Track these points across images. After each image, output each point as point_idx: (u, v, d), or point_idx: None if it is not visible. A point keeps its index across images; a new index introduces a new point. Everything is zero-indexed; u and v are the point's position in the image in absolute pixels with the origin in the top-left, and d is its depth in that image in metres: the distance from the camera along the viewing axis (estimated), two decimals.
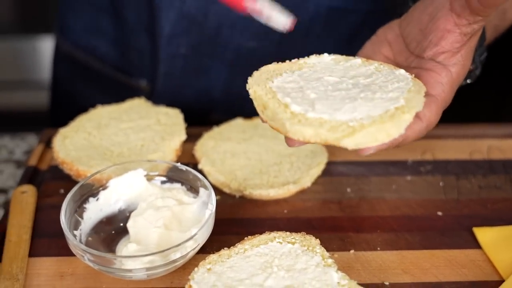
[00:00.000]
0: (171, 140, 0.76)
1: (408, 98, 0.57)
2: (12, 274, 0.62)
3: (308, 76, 0.62)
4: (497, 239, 0.67)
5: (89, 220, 0.66)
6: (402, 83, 0.59)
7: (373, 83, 0.60)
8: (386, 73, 0.62)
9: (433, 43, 0.62)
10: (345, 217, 0.72)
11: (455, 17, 0.60)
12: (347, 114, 0.55)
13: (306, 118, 0.55)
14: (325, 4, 0.87)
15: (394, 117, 0.54)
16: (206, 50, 0.93)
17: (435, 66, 0.62)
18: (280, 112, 0.56)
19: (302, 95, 0.59)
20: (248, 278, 0.57)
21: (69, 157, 0.73)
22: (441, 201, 0.74)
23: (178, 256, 0.60)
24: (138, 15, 0.94)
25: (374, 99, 0.57)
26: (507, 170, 0.80)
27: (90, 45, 1.03)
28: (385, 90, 0.59)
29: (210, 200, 0.64)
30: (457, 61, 0.62)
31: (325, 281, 0.57)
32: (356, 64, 0.64)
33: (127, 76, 1.01)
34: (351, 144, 0.54)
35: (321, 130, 0.54)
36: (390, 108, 0.56)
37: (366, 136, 0.54)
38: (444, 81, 0.61)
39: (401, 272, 0.64)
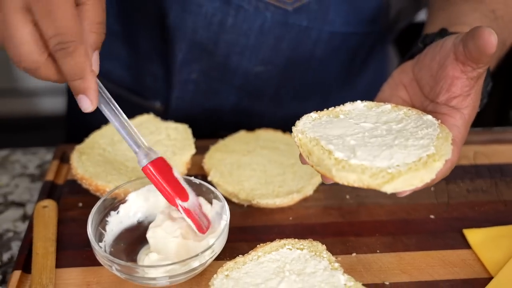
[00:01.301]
0: (182, 155, 0.81)
1: (438, 146, 0.62)
2: (42, 285, 0.67)
3: (345, 123, 0.68)
4: (485, 239, 0.74)
5: (111, 232, 0.71)
6: (430, 129, 0.65)
7: (404, 129, 0.66)
8: (415, 119, 0.67)
9: (445, 89, 0.68)
10: (345, 222, 0.78)
11: (460, 65, 0.66)
12: (385, 161, 0.61)
13: (349, 164, 0.61)
14: (327, 30, 0.92)
15: (427, 165, 0.60)
16: (216, 75, 0.99)
17: (449, 111, 0.68)
18: (325, 158, 0.62)
19: (342, 141, 0.64)
20: (263, 282, 0.63)
21: (87, 173, 0.78)
22: (433, 205, 0.81)
23: (198, 265, 0.65)
24: (151, 43, 0.99)
25: (408, 146, 0.63)
26: (492, 174, 0.87)
27: (105, 69, 1.07)
28: (416, 136, 0.64)
29: (224, 211, 0.70)
30: (469, 103, 0.68)
31: (333, 283, 0.62)
32: (386, 109, 0.70)
33: (141, 98, 1.06)
34: (390, 189, 0.59)
35: (363, 176, 0.59)
36: (423, 156, 0.61)
37: (403, 182, 0.59)
38: (459, 124, 0.67)
39: (400, 272, 0.70)
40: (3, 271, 0.77)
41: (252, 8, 0.88)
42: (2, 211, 0.87)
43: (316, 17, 0.91)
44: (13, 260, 0.78)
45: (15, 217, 0.86)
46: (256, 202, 0.78)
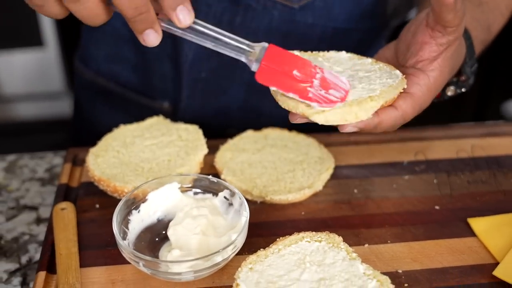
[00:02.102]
0: (196, 155, 0.84)
1: (384, 91, 0.67)
2: (69, 284, 0.69)
3: (318, 63, 0.72)
4: (489, 227, 0.78)
5: (133, 230, 0.74)
6: (390, 80, 0.69)
7: (367, 77, 0.70)
8: (384, 72, 0.72)
9: (414, 54, 0.73)
10: (355, 215, 0.81)
11: (430, 31, 0.71)
12: None
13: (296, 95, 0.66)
14: (330, 26, 0.96)
15: (362, 103, 0.65)
16: (225, 73, 1.01)
17: (415, 72, 0.73)
18: None
19: None
20: (286, 274, 0.66)
21: (104, 174, 0.80)
22: (437, 197, 0.84)
23: (221, 259, 0.68)
24: (160, 45, 1.01)
25: (356, 87, 0.68)
26: (490, 166, 0.91)
27: (112, 72, 1.09)
28: (371, 83, 0.69)
29: (244, 207, 0.72)
30: (434, 67, 0.72)
31: (352, 272, 0.66)
32: (366, 62, 0.74)
33: (149, 99, 1.08)
34: (321, 120, 0.65)
35: (300, 105, 0.65)
36: (363, 96, 0.66)
37: (335, 115, 0.65)
38: (421, 83, 0.72)
39: (411, 260, 0.74)
40: (23, 273, 0.79)
41: (260, 7, 0.91)
42: (16, 215, 0.88)
43: (321, 14, 0.94)
44: (31, 262, 0.80)
45: (29, 220, 0.87)
46: (270, 199, 0.80)
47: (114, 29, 1.05)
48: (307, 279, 0.65)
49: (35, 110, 2.71)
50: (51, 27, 2.49)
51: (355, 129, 0.68)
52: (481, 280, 0.71)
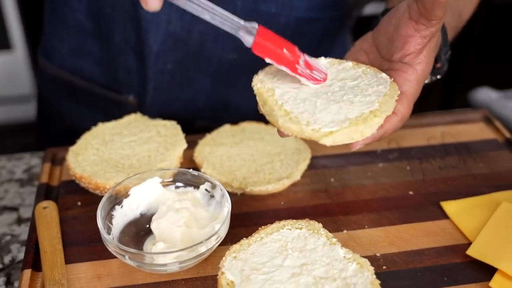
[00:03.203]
0: (175, 150, 0.85)
1: (382, 102, 0.68)
2: (56, 280, 0.70)
3: None
4: (461, 209, 0.81)
5: (117, 225, 0.75)
6: (381, 87, 0.70)
7: (357, 86, 0.71)
8: (370, 76, 0.73)
9: (399, 48, 0.74)
10: (333, 203, 0.84)
11: (413, 23, 0.72)
12: (329, 116, 0.66)
13: (296, 117, 0.65)
14: (293, 16, 0.98)
15: (367, 120, 0.65)
16: (191, 64, 1.02)
17: (402, 66, 0.74)
18: (276, 109, 0.67)
19: (296, 94, 0.69)
20: (269, 260, 0.67)
21: (85, 172, 0.81)
22: (410, 182, 0.87)
23: (205, 249, 0.69)
24: (125, 37, 1.01)
25: (354, 102, 0.68)
26: (459, 151, 0.94)
27: (76, 66, 1.08)
28: (365, 93, 0.70)
29: (225, 198, 0.74)
30: (421, 60, 0.73)
31: (333, 256, 0.68)
32: (347, 67, 0.75)
33: (114, 93, 1.08)
34: (329, 142, 0.65)
35: (306, 128, 0.65)
36: (365, 112, 0.66)
37: (342, 136, 0.65)
38: (411, 78, 0.73)
39: (388, 244, 0.76)
40: (7, 273, 0.79)
41: None
42: None
43: (283, 3, 0.96)
44: (14, 262, 0.80)
45: (10, 221, 0.88)
46: (250, 190, 0.82)
47: (78, 22, 1.05)
48: (290, 265, 0.67)
49: (4, 114, 2.68)
50: (19, 30, 2.46)
51: (363, 145, 0.70)
52: (456, 260, 0.74)
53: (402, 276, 0.71)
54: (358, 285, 0.64)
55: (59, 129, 1.15)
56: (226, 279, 0.64)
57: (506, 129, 0.99)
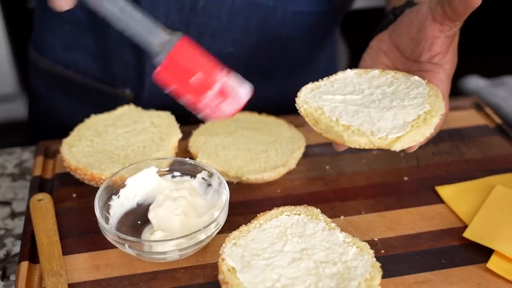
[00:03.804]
0: (170, 140, 0.85)
1: (431, 102, 0.69)
2: (54, 271, 0.69)
3: (342, 91, 0.74)
4: (456, 194, 0.82)
5: (114, 215, 0.74)
6: (420, 89, 0.72)
7: (397, 91, 0.73)
8: (403, 80, 0.74)
9: (426, 49, 0.75)
10: (329, 190, 0.84)
11: (438, 25, 0.73)
12: (388, 122, 0.67)
13: (358, 129, 0.67)
14: (291, 9, 0.98)
15: (426, 121, 0.67)
16: None
17: (433, 67, 0.75)
18: (334, 125, 0.67)
19: (345, 108, 0.70)
20: (269, 246, 0.68)
21: (80, 163, 0.80)
22: (405, 169, 0.88)
23: (204, 237, 0.69)
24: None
25: (405, 106, 0.70)
26: (452, 137, 0.95)
27: (70, 60, 1.07)
28: (410, 97, 0.71)
29: (223, 186, 0.74)
30: (449, 59, 0.75)
31: (332, 241, 0.68)
32: (375, 75, 0.76)
33: (110, 87, 1.07)
34: (398, 147, 0.66)
35: (373, 138, 0.65)
36: (420, 113, 0.68)
37: (408, 139, 0.66)
38: (443, 78, 0.75)
39: (385, 229, 0.77)
40: (2, 266, 0.78)
41: None
42: None
43: None
44: (10, 256, 0.80)
45: (3, 215, 0.87)
46: (246, 178, 0.82)
47: (72, 15, 1.03)
48: (290, 250, 0.67)
49: None
50: (1, 27, 2.44)
51: (418, 146, 0.71)
52: (453, 243, 0.74)
53: (401, 260, 0.72)
54: (359, 268, 0.64)
55: (51, 124, 1.14)
56: (227, 265, 0.64)
57: (496, 115, 1.00)
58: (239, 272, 0.64)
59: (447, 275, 0.70)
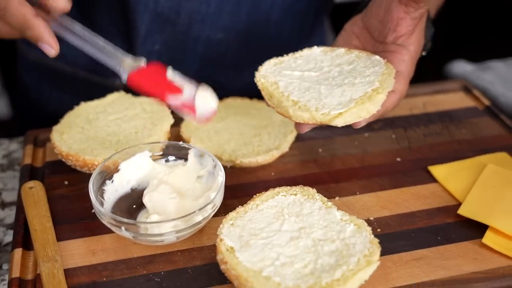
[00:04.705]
0: (162, 125, 0.84)
1: (382, 80, 0.72)
2: (49, 257, 0.68)
3: (303, 67, 0.76)
4: (448, 173, 0.82)
5: (109, 200, 0.73)
6: (377, 67, 0.74)
7: (354, 69, 0.74)
8: (364, 60, 0.76)
9: (392, 30, 0.77)
10: (323, 172, 0.84)
11: (403, 7, 0.75)
12: (335, 99, 0.70)
13: (305, 105, 0.70)
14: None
15: (371, 98, 0.69)
16: (179, 45, 1.01)
17: (397, 48, 0.77)
18: (283, 100, 0.71)
19: (299, 84, 0.73)
20: (267, 226, 0.67)
21: (72, 150, 0.79)
22: (397, 150, 0.88)
23: (201, 218, 0.69)
24: (111, 20, 0.99)
25: (355, 83, 0.72)
26: (442, 119, 0.96)
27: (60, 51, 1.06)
28: (363, 75, 0.73)
29: (218, 168, 0.73)
30: (413, 40, 0.77)
31: (330, 219, 0.68)
32: (340, 53, 0.78)
33: (101, 77, 1.06)
34: (341, 123, 0.69)
35: (316, 114, 0.68)
36: (368, 90, 0.70)
37: (351, 115, 0.69)
38: (406, 59, 0.76)
39: (380, 208, 0.77)
40: None
41: None
42: None
43: None
44: (1, 245, 0.78)
45: None
46: (240, 162, 0.82)
47: None
48: (288, 229, 0.67)
49: None
50: None
51: (366, 123, 0.73)
52: (447, 220, 0.75)
53: (397, 238, 0.72)
54: (358, 245, 0.64)
55: (40, 116, 1.12)
56: (226, 245, 0.64)
57: (485, 97, 1.01)
58: (238, 251, 0.63)
59: (443, 251, 0.70)
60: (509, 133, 0.92)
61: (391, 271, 0.67)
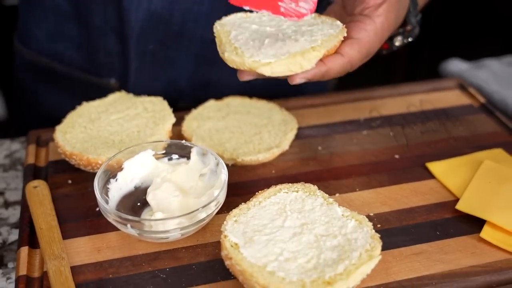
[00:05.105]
0: (164, 124, 0.85)
1: (325, 40, 0.72)
2: (55, 255, 0.69)
3: (263, 23, 0.78)
4: (446, 169, 0.84)
5: (113, 198, 0.74)
6: (331, 31, 0.74)
7: (310, 30, 0.75)
8: (326, 25, 0.76)
9: (360, 2, 0.77)
10: (323, 169, 0.85)
11: None
12: (273, 51, 0.71)
13: (242, 51, 0.72)
14: None
15: (305, 53, 0.70)
16: (172, 44, 1.02)
17: (361, 18, 0.77)
18: (227, 47, 0.73)
19: (249, 35, 0.75)
20: (270, 222, 0.69)
21: (76, 149, 0.80)
22: (395, 147, 0.90)
23: (205, 215, 0.70)
24: (105, 19, 1.00)
25: (299, 40, 0.73)
26: (438, 116, 0.97)
27: (55, 51, 1.07)
28: (313, 35, 0.74)
29: (222, 166, 0.75)
30: (380, 13, 0.76)
31: (331, 215, 0.70)
32: (309, 17, 0.77)
33: (95, 77, 1.07)
34: (268, 72, 0.70)
35: (247, 60, 0.70)
36: (306, 47, 0.71)
37: (280, 66, 0.70)
38: (367, 28, 0.76)
39: (380, 204, 0.78)
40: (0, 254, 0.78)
41: None
42: None
43: None
44: (6, 244, 0.79)
45: None
46: (241, 160, 0.83)
47: (56, 5, 1.03)
48: (290, 225, 0.68)
49: None
50: None
51: (304, 79, 0.72)
52: (446, 215, 0.76)
53: (397, 233, 0.74)
54: (359, 240, 0.66)
55: (37, 116, 1.13)
56: (230, 242, 0.65)
57: (480, 94, 1.03)
58: (242, 247, 0.65)
59: (443, 246, 0.72)
60: (504, 130, 0.94)
61: (391, 265, 0.69)
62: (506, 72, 1.17)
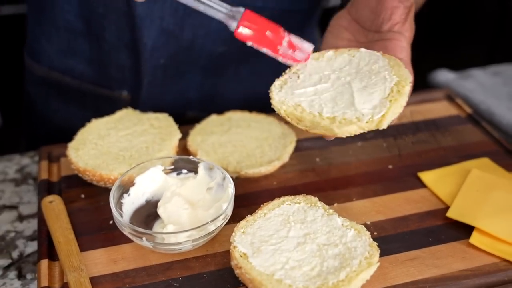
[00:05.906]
0: (171, 140, 0.90)
1: (397, 73, 0.73)
2: (75, 267, 0.74)
3: (310, 82, 0.76)
4: (437, 178, 0.89)
5: (127, 212, 0.79)
6: (380, 62, 0.76)
7: (359, 69, 0.76)
8: (359, 56, 0.78)
9: (387, 19, 0.80)
10: (321, 180, 0.90)
11: None
12: (367, 104, 0.71)
13: (344, 118, 0.69)
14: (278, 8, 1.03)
15: (400, 92, 0.71)
16: (183, 58, 1.06)
17: (394, 35, 0.80)
18: (320, 121, 0.70)
19: (320, 99, 0.73)
20: (275, 233, 0.74)
21: (89, 165, 0.85)
22: (388, 158, 0.95)
23: (214, 228, 0.75)
24: (118, 35, 1.04)
25: (375, 83, 0.73)
26: (428, 127, 1.03)
27: (66, 66, 1.10)
28: (374, 72, 0.75)
29: (227, 180, 0.80)
30: (407, 27, 0.81)
31: (332, 225, 0.75)
32: (330, 56, 0.79)
33: (107, 89, 1.11)
34: (385, 125, 0.70)
35: (362, 124, 0.69)
36: (392, 87, 0.72)
37: (391, 114, 0.70)
38: (404, 45, 0.80)
39: (376, 213, 0.84)
40: (17, 266, 0.82)
41: None
42: None
43: None
44: (23, 256, 0.84)
45: (11, 218, 0.90)
46: (244, 173, 0.88)
47: (67, 22, 1.06)
48: (294, 235, 0.73)
49: None
50: None
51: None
52: (437, 222, 0.82)
53: (392, 240, 0.79)
54: (359, 248, 0.71)
55: (48, 129, 1.17)
56: (239, 252, 0.70)
57: (467, 105, 1.09)
58: (251, 257, 0.70)
59: (435, 251, 0.77)
60: (490, 140, 0.99)
61: (388, 271, 0.74)
62: (490, 82, 1.23)
